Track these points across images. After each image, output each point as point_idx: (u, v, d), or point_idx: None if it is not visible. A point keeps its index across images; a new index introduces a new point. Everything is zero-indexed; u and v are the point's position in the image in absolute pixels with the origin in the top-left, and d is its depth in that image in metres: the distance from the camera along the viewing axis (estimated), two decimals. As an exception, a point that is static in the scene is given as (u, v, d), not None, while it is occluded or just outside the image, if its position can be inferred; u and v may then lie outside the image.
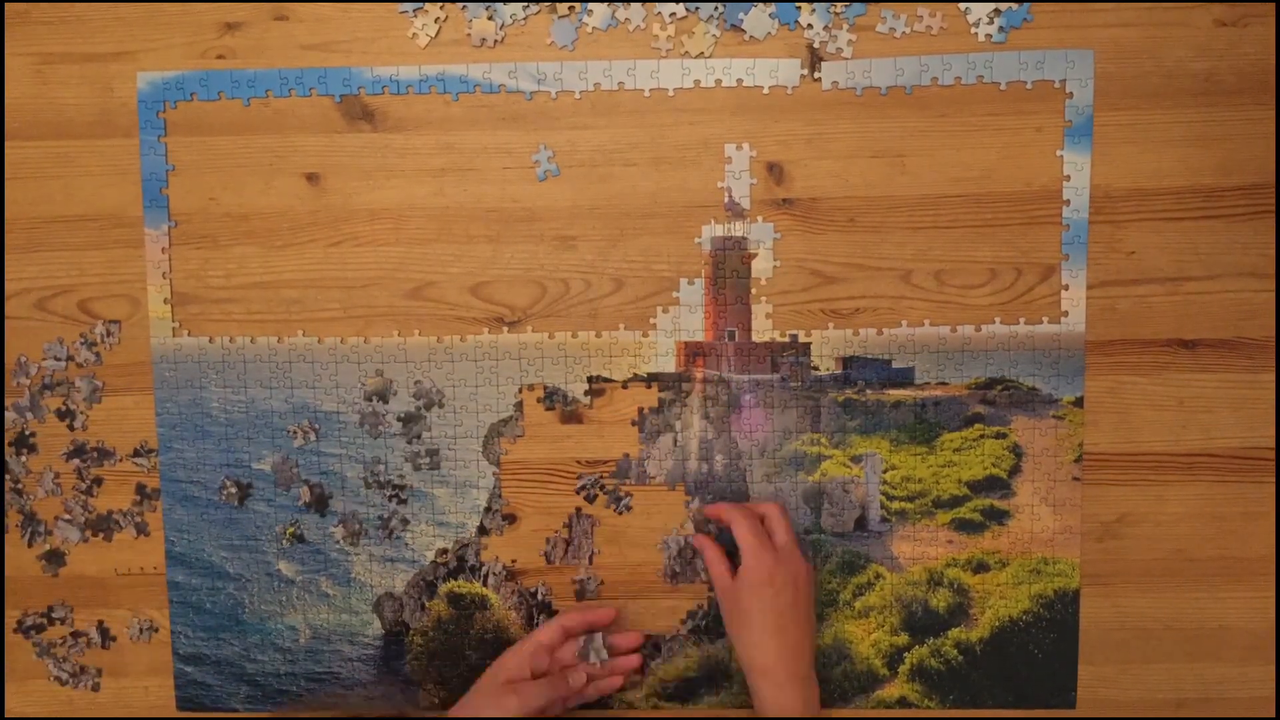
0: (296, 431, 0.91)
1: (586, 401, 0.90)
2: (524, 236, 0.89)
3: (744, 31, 0.86)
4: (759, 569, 0.81)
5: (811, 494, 0.90)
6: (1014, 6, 0.85)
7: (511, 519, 0.91)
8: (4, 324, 0.91)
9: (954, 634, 0.90)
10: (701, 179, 0.88)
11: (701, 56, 0.87)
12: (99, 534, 0.92)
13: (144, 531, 0.92)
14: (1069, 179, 0.86)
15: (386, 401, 0.91)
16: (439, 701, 0.92)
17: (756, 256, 0.88)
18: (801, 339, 0.89)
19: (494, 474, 0.91)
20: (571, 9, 0.86)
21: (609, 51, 0.87)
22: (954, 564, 0.90)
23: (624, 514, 0.91)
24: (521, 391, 0.90)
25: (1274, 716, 0.90)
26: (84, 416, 0.91)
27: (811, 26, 0.86)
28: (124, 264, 0.90)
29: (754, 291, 0.89)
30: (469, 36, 0.87)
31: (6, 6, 0.88)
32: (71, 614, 0.93)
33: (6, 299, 0.91)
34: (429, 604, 0.92)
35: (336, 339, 0.90)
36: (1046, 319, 0.88)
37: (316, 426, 0.91)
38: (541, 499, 0.91)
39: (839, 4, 0.85)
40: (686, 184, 0.88)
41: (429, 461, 0.91)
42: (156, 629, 0.93)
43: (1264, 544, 0.89)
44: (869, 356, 0.89)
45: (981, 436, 0.89)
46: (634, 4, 0.86)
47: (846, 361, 0.89)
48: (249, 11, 0.87)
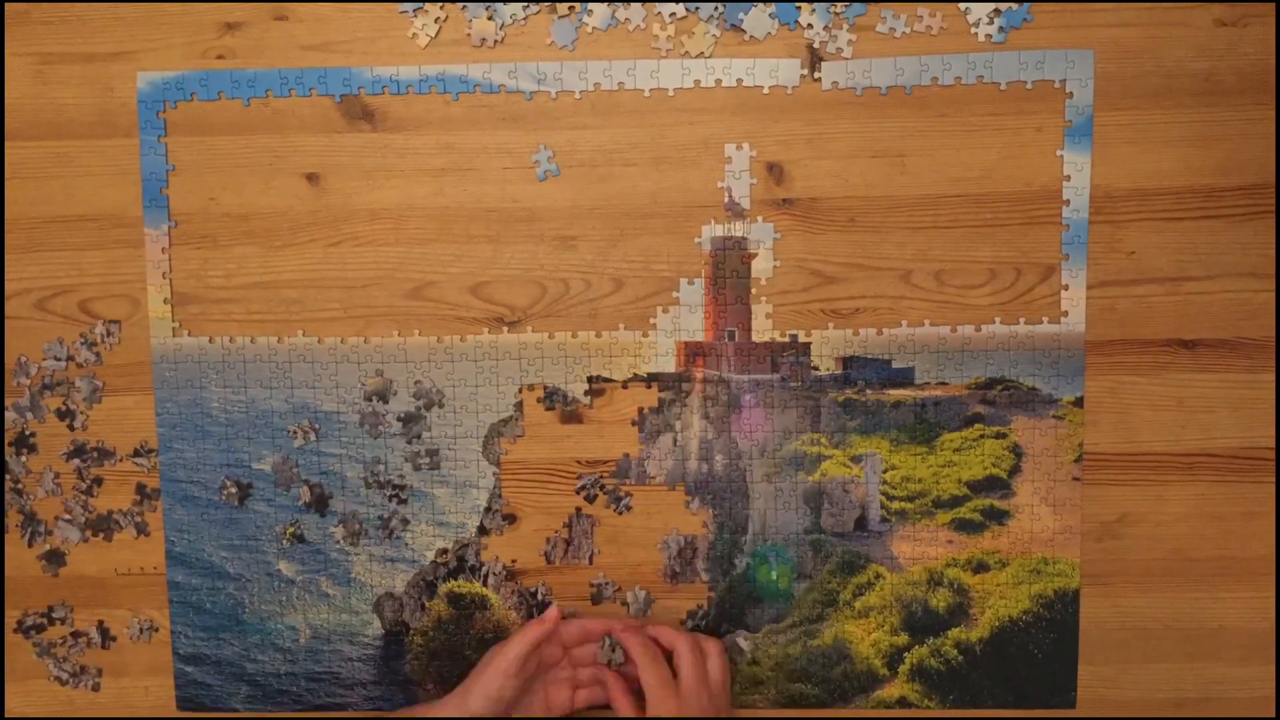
0: (296, 431, 0.91)
1: (586, 401, 0.90)
2: (524, 236, 0.89)
3: (744, 31, 0.86)
4: (659, 706, 0.79)
5: (811, 494, 0.90)
6: (1014, 6, 0.85)
7: (511, 519, 0.91)
8: (4, 324, 0.91)
9: (954, 634, 0.90)
10: (701, 179, 0.88)
11: (701, 56, 0.87)
12: (99, 534, 0.92)
13: (144, 531, 0.92)
14: (1069, 179, 0.86)
15: (386, 401, 0.91)
16: (439, 701, 0.92)
17: (756, 256, 0.88)
18: (801, 339, 0.89)
19: (494, 474, 0.91)
20: (571, 9, 0.86)
21: (609, 51, 0.87)
22: (954, 564, 0.90)
23: (624, 514, 0.91)
24: (521, 391, 0.90)
25: (1274, 717, 0.90)
26: (84, 416, 0.91)
27: (811, 26, 0.86)
28: (124, 264, 0.90)
29: (754, 291, 0.89)
30: (469, 36, 0.87)
31: (6, 6, 0.88)
32: (71, 614, 0.93)
33: (6, 299, 0.91)
34: (429, 604, 0.92)
35: (336, 339, 0.90)
36: (1046, 319, 0.88)
37: (316, 426, 0.91)
38: (541, 499, 0.91)
39: (839, 4, 0.85)
40: (686, 184, 0.88)
41: (429, 461, 0.91)
42: (156, 629, 0.93)
43: (1264, 544, 0.89)
44: (869, 356, 0.89)
45: (981, 436, 0.89)
46: (634, 4, 0.86)
47: (846, 361, 0.89)
48: (249, 11, 0.87)
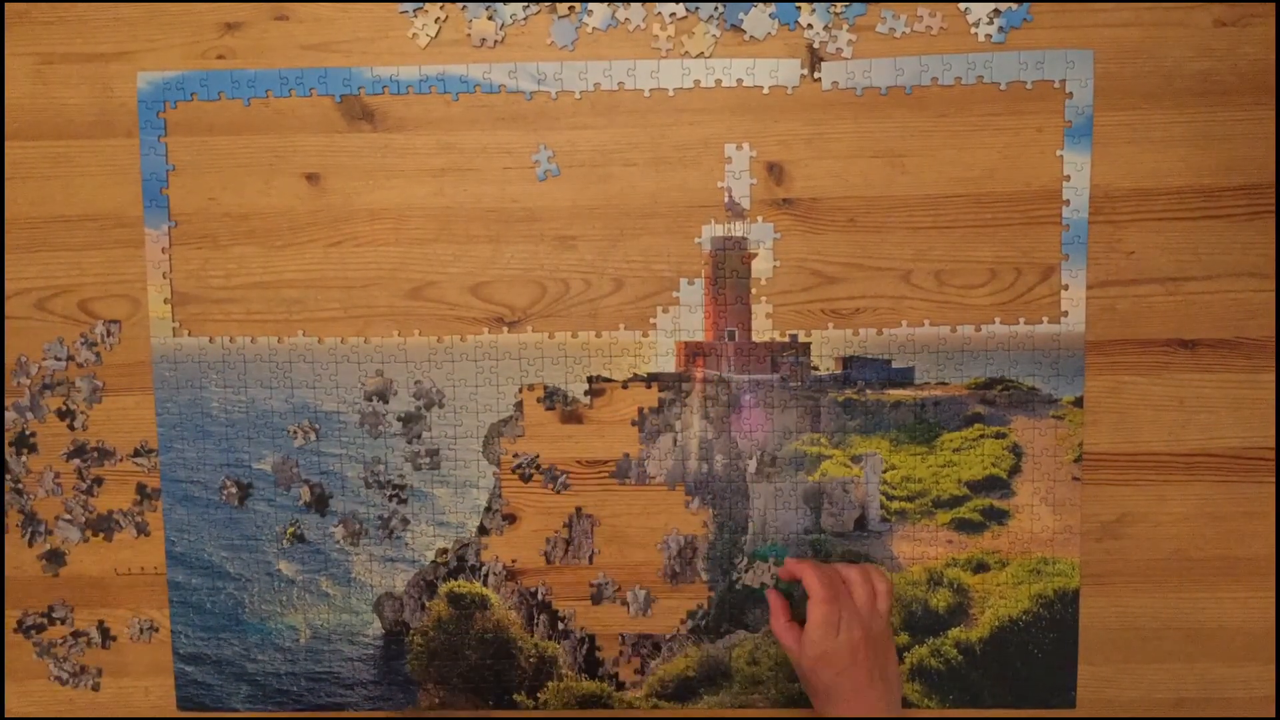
0: (297, 431, 0.91)
1: (586, 401, 0.90)
2: (524, 236, 0.89)
3: (744, 31, 0.86)
4: (817, 643, 0.75)
5: (811, 494, 0.90)
6: (1014, 6, 0.85)
7: (511, 519, 0.91)
8: (4, 324, 0.91)
9: (954, 634, 0.90)
10: (701, 179, 0.88)
11: (701, 56, 0.87)
12: (99, 534, 0.92)
13: (144, 531, 0.92)
14: (1069, 179, 0.86)
15: (386, 401, 0.91)
16: (439, 701, 0.92)
17: (756, 256, 0.88)
18: (801, 339, 0.89)
19: (494, 474, 0.91)
20: (571, 9, 0.86)
21: (609, 51, 0.87)
22: (954, 564, 0.90)
23: (561, 492, 0.90)
24: (521, 391, 0.90)
25: (1274, 717, 0.90)
26: (84, 416, 0.91)
27: (811, 27, 0.86)
28: (124, 264, 0.90)
29: (754, 291, 0.89)
30: (469, 37, 0.87)
31: (6, 6, 0.88)
32: (72, 614, 0.93)
33: (6, 299, 0.91)
34: (429, 604, 0.92)
35: (337, 339, 0.90)
36: (1046, 319, 0.88)
37: (317, 426, 0.91)
38: (541, 499, 0.91)
39: (839, 4, 0.85)
40: (686, 184, 0.88)
41: (429, 461, 0.91)
42: (157, 629, 0.93)
43: (1264, 544, 0.89)
44: (869, 356, 0.89)
45: (981, 436, 0.89)
46: (634, 4, 0.86)
47: (846, 361, 0.89)
48: (249, 11, 0.87)
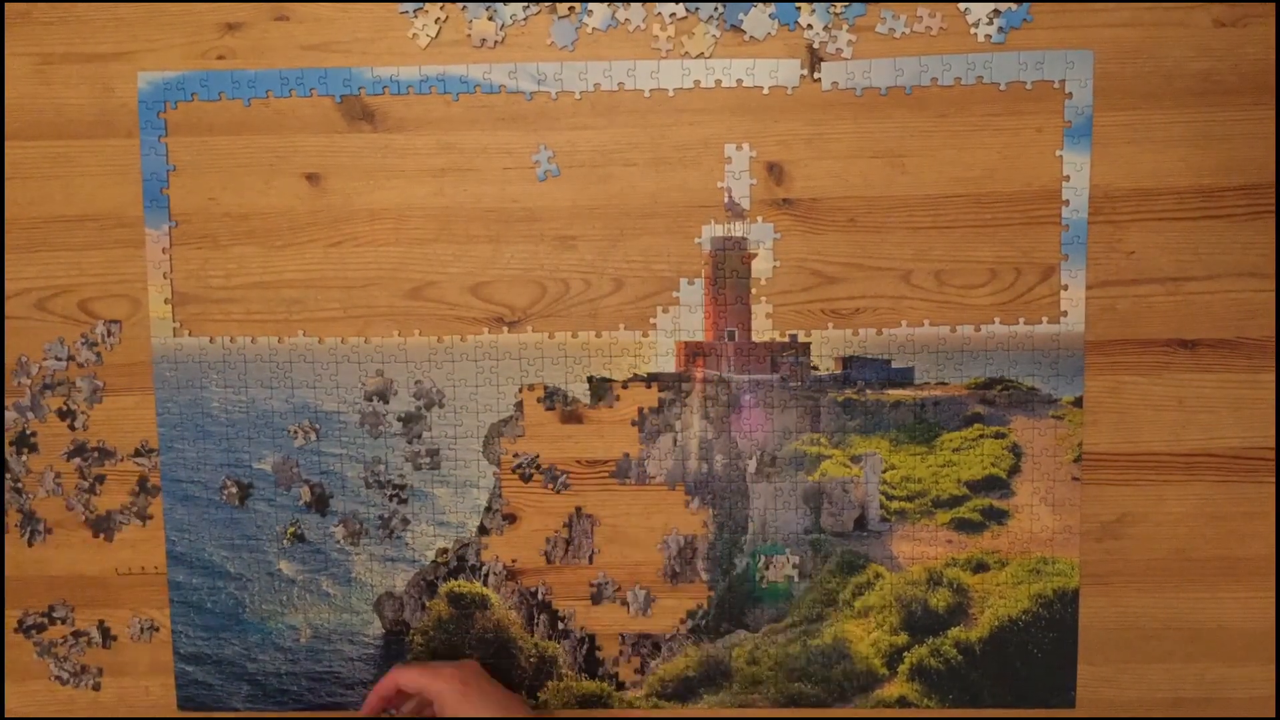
0: (297, 431, 0.91)
1: (587, 401, 0.90)
2: (524, 236, 0.89)
3: (744, 32, 0.86)
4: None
5: (811, 494, 0.90)
6: (1014, 7, 0.85)
7: (512, 519, 0.92)
8: (4, 324, 0.91)
9: (953, 633, 0.90)
10: (701, 179, 0.88)
11: (701, 57, 0.87)
12: (100, 534, 0.92)
13: (145, 531, 0.92)
14: (1068, 179, 0.86)
15: (387, 401, 0.91)
16: (439, 701, 0.92)
17: (756, 256, 0.88)
18: (801, 339, 0.89)
19: (494, 474, 0.91)
20: (571, 9, 0.86)
21: (609, 52, 0.87)
22: (953, 564, 0.90)
23: (561, 492, 0.90)
24: (521, 391, 0.90)
25: (1274, 717, 0.90)
26: (85, 416, 0.91)
27: (811, 27, 0.86)
28: (124, 264, 0.90)
29: (754, 291, 0.89)
30: (469, 37, 0.87)
31: (6, 6, 0.88)
32: (72, 614, 0.93)
33: (7, 299, 0.91)
34: (429, 603, 0.92)
35: (337, 339, 0.90)
36: (1046, 319, 0.88)
37: (317, 426, 0.91)
38: (542, 499, 0.91)
39: (839, 4, 0.85)
40: (686, 184, 0.88)
41: (429, 461, 0.91)
42: (157, 629, 0.93)
43: (1264, 544, 0.89)
44: (869, 356, 0.89)
45: (981, 436, 0.89)
46: (634, 4, 0.86)
47: (846, 361, 0.89)
48: (249, 12, 0.87)
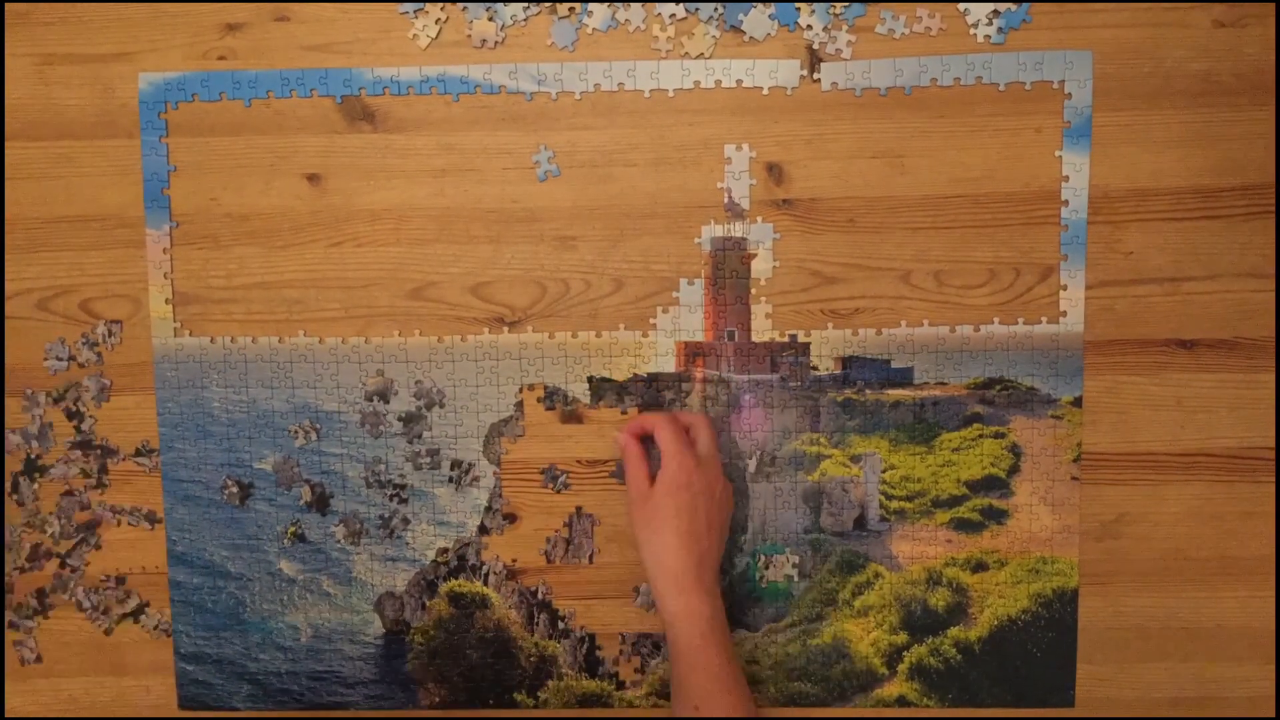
0: (298, 431, 0.91)
1: (587, 401, 0.90)
2: (524, 237, 0.89)
3: (744, 32, 0.86)
4: (679, 473, 0.79)
5: (811, 494, 0.90)
6: (1013, 7, 0.85)
7: (512, 518, 0.92)
8: (4, 324, 0.91)
9: (953, 633, 0.90)
10: (701, 179, 0.88)
11: (701, 57, 0.87)
12: (100, 534, 0.92)
13: (146, 531, 0.92)
14: (1068, 179, 0.86)
15: (387, 401, 0.91)
16: (439, 700, 0.92)
17: (756, 256, 0.88)
18: (801, 339, 0.89)
19: (494, 474, 0.91)
20: (571, 10, 0.87)
21: (609, 52, 0.87)
22: (953, 563, 0.90)
23: (561, 492, 0.91)
24: (521, 391, 0.90)
25: (1274, 717, 0.91)
26: (92, 419, 0.91)
27: (811, 27, 0.86)
28: (125, 264, 0.90)
29: (754, 291, 0.89)
30: (469, 37, 0.87)
31: (7, 6, 0.88)
32: (85, 565, 0.93)
33: (7, 299, 0.91)
34: (430, 603, 0.92)
35: (337, 339, 0.90)
36: (1045, 319, 0.88)
37: (318, 426, 0.91)
38: (542, 498, 0.91)
39: (838, 5, 0.86)
40: (686, 184, 0.88)
41: (429, 461, 0.91)
42: (158, 628, 0.93)
43: (1263, 544, 0.90)
44: (868, 356, 0.89)
45: (980, 436, 0.89)
46: (634, 5, 0.86)
47: (846, 361, 0.89)
48: (250, 12, 0.87)
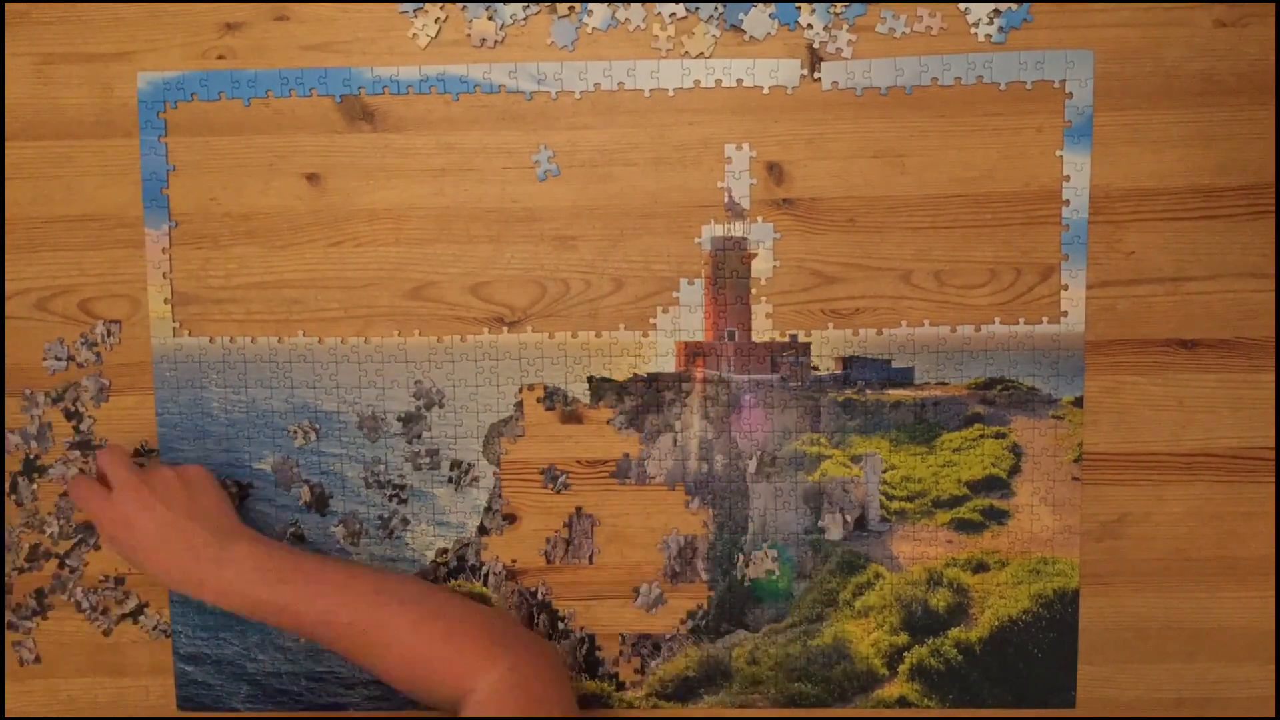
0: (297, 431, 0.91)
1: (587, 401, 0.90)
2: (524, 236, 0.89)
3: (744, 32, 0.86)
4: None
5: (811, 494, 0.90)
6: (1014, 7, 0.85)
7: (512, 519, 0.92)
8: (4, 324, 0.91)
9: (953, 633, 0.90)
10: (701, 179, 0.88)
11: (701, 57, 0.87)
12: (100, 534, 0.92)
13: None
14: (1069, 179, 0.86)
15: (431, 407, 0.90)
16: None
17: (756, 256, 0.88)
18: (801, 339, 0.89)
19: (494, 474, 0.91)
20: (571, 9, 0.86)
21: (609, 52, 0.87)
22: (953, 564, 0.90)
23: (561, 492, 0.90)
24: (521, 391, 0.90)
25: (1274, 717, 0.90)
26: (90, 419, 0.91)
27: (811, 27, 0.86)
28: (124, 264, 0.90)
29: (754, 291, 0.89)
30: (469, 37, 0.87)
31: (6, 6, 0.88)
32: (83, 566, 0.93)
33: (6, 299, 0.91)
34: (429, 604, 0.92)
35: (337, 339, 0.90)
36: (1046, 319, 0.88)
37: (317, 426, 0.91)
38: (541, 499, 0.91)
39: (839, 4, 0.85)
40: (686, 184, 0.88)
41: (429, 461, 0.91)
42: (157, 628, 0.93)
43: (1263, 544, 0.89)
44: (869, 356, 0.89)
45: (981, 436, 0.89)
46: (634, 4, 0.86)
47: (846, 361, 0.89)
48: (249, 12, 0.87)
